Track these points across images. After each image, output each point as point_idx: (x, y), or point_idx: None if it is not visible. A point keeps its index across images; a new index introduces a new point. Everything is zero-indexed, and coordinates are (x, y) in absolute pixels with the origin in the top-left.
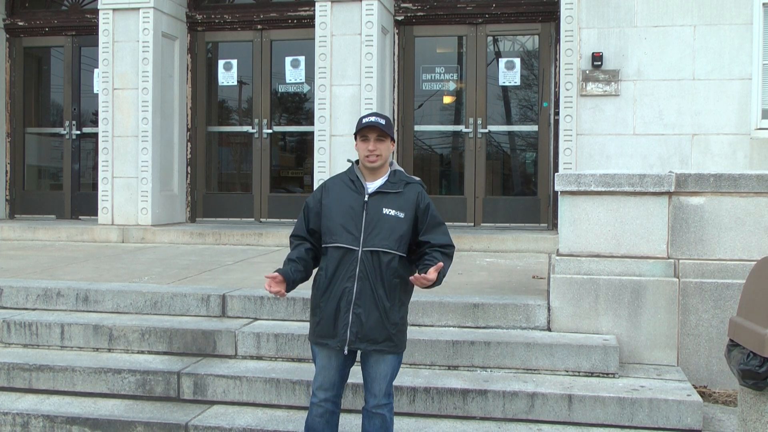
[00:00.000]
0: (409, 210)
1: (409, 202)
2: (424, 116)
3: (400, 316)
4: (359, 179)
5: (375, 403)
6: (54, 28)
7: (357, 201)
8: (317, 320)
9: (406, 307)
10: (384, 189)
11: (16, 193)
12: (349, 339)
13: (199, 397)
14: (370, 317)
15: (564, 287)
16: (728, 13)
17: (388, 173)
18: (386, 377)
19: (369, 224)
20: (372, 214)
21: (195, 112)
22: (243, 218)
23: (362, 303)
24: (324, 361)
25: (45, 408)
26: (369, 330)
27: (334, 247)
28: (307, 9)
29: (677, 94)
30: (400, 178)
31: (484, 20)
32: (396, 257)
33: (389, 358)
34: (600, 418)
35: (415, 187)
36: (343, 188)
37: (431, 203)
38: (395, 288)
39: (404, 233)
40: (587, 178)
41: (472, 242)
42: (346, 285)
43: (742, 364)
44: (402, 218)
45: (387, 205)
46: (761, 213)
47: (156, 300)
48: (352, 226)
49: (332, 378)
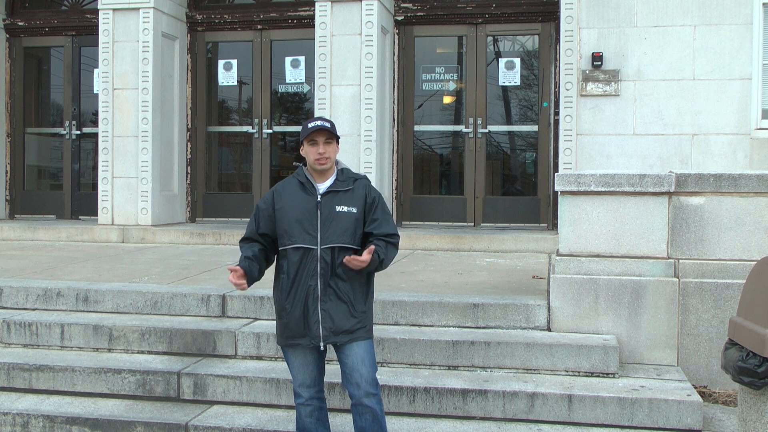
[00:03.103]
0: (359, 205)
1: (359, 197)
2: (424, 116)
3: (366, 304)
4: (309, 181)
5: (362, 393)
6: (54, 28)
7: (310, 202)
8: (285, 322)
9: (371, 296)
10: (335, 188)
11: (16, 193)
12: (322, 335)
13: (199, 397)
14: (338, 310)
15: (564, 287)
16: (728, 13)
17: (336, 172)
18: (365, 361)
19: (324, 223)
20: (326, 213)
21: (195, 112)
22: (243, 218)
23: (327, 298)
24: (299, 359)
25: (45, 408)
26: (339, 322)
27: (294, 248)
28: (307, 9)
29: (677, 94)
30: (348, 176)
31: (484, 20)
32: (352, 250)
33: (363, 343)
34: (600, 418)
35: (363, 182)
36: (295, 191)
37: (378, 196)
38: (355, 279)
39: (358, 227)
40: (587, 178)
41: (472, 242)
42: (309, 283)
43: (740, 361)
44: (354, 213)
45: (339, 203)
46: (761, 213)
47: (156, 300)
48: (308, 226)
49: (312, 373)
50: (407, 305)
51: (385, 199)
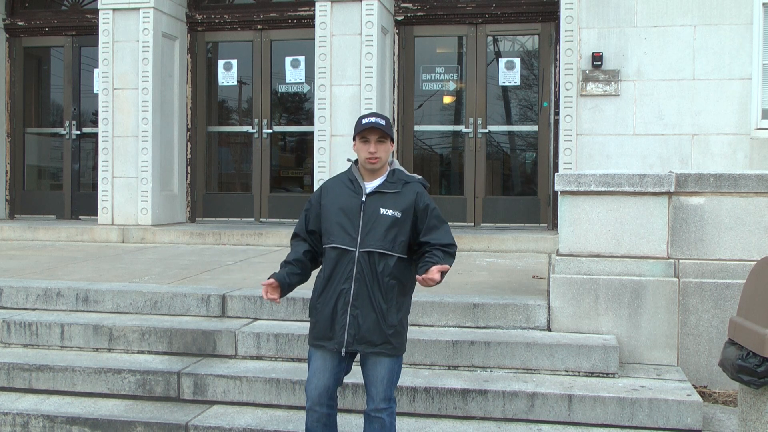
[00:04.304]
0: (406, 209)
1: (407, 201)
2: (424, 116)
3: (398, 318)
4: (357, 179)
5: (373, 407)
6: (54, 28)
7: (354, 201)
8: (314, 322)
9: (406, 309)
10: (382, 189)
11: (16, 193)
12: (346, 341)
13: (199, 397)
14: (367, 319)
15: (564, 287)
16: (728, 13)
17: (387, 173)
18: (383, 381)
19: (366, 225)
20: (369, 215)
21: (195, 112)
22: (243, 218)
23: (359, 304)
24: (319, 363)
25: (45, 408)
26: (366, 332)
27: (331, 248)
28: (307, 9)
29: (677, 94)
30: (398, 178)
31: (484, 20)
32: (393, 258)
33: (386, 361)
34: (600, 418)
35: (415, 186)
36: (341, 189)
37: (431, 203)
38: (392, 289)
39: (401, 233)
40: (587, 178)
41: (472, 242)
42: (342, 287)
43: (740, 360)
44: (399, 218)
45: (384, 205)
46: (761, 213)
47: (156, 300)
48: (349, 227)
49: (326, 381)
50: None
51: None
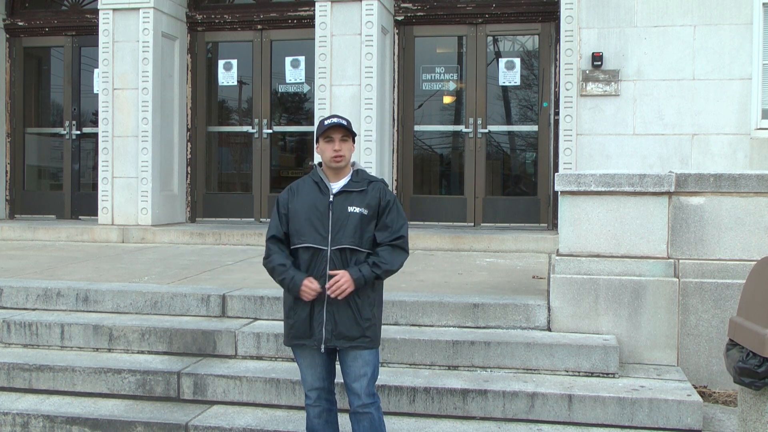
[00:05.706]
0: (373, 207)
1: (373, 199)
2: (424, 116)
3: (372, 312)
4: (324, 180)
5: (360, 403)
6: (54, 28)
7: (322, 201)
8: (291, 323)
9: (378, 303)
10: (348, 188)
11: (16, 193)
12: (324, 337)
13: (199, 397)
14: (343, 315)
15: (564, 287)
16: (728, 13)
17: (351, 173)
18: (366, 375)
19: (336, 223)
20: (338, 213)
21: (195, 112)
22: (243, 218)
23: (334, 301)
24: (308, 360)
25: (45, 408)
26: (343, 327)
27: (304, 248)
28: (307, 9)
29: (677, 94)
30: (362, 177)
31: (484, 20)
32: (362, 254)
33: (366, 354)
34: (600, 418)
35: (378, 184)
36: (308, 190)
37: (393, 200)
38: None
39: (368, 229)
40: (587, 178)
41: (472, 242)
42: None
43: (741, 362)
44: (366, 215)
45: (352, 204)
46: (761, 213)
47: (156, 300)
48: (319, 226)
49: (320, 374)
50: (407, 305)
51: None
